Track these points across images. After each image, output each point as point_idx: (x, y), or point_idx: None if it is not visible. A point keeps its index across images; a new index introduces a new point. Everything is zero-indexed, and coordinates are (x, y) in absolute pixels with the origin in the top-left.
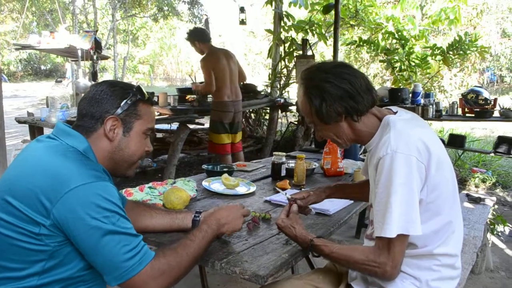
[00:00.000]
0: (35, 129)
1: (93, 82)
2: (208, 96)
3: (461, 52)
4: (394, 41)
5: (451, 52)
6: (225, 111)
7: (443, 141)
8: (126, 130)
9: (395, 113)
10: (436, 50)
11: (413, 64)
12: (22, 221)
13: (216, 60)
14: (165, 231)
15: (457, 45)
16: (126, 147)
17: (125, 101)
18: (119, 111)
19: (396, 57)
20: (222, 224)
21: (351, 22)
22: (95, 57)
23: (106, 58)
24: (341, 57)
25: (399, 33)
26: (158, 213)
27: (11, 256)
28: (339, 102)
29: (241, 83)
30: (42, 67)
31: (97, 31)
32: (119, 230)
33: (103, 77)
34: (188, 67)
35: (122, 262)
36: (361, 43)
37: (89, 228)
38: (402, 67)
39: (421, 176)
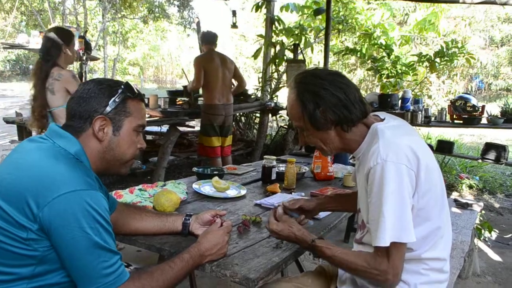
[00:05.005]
0: (23, 129)
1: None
2: (200, 99)
3: (447, 58)
4: (380, 49)
5: (437, 60)
6: (215, 114)
7: (431, 147)
8: (116, 129)
9: (382, 119)
10: (423, 58)
11: (400, 71)
12: (10, 225)
13: (209, 60)
14: (155, 233)
15: (443, 52)
16: (117, 147)
17: (113, 99)
18: (107, 109)
19: (383, 65)
20: (205, 256)
21: (339, 27)
22: (84, 58)
23: (96, 59)
24: (330, 62)
25: (385, 44)
26: (149, 215)
27: (0, 259)
28: (333, 110)
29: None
30: (31, 67)
31: (86, 31)
32: (101, 244)
33: (92, 78)
34: (178, 70)
35: (97, 278)
36: (347, 52)
37: (72, 236)
38: (390, 74)
39: (412, 183)
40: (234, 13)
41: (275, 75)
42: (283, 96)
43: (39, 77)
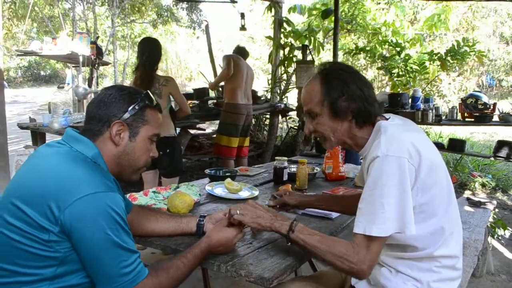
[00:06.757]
0: (37, 134)
1: (89, 89)
2: (210, 101)
3: (458, 57)
4: (391, 47)
5: (449, 58)
6: (238, 113)
7: (442, 145)
8: (132, 135)
9: (387, 119)
10: (434, 56)
11: (410, 70)
12: (31, 227)
13: (238, 58)
14: (170, 235)
15: (455, 50)
16: (132, 152)
17: (132, 106)
18: (126, 115)
19: (394, 64)
20: (214, 252)
21: (348, 28)
22: (96, 63)
23: (107, 64)
24: None
25: (395, 41)
26: (163, 217)
27: (21, 261)
28: (357, 101)
29: None
30: (42, 73)
31: (98, 37)
32: (121, 244)
33: (103, 83)
34: (187, 73)
35: (117, 277)
36: (357, 51)
37: (93, 237)
38: (400, 73)
39: (411, 178)
40: (242, 15)
41: (284, 76)
42: (292, 97)
43: (145, 83)
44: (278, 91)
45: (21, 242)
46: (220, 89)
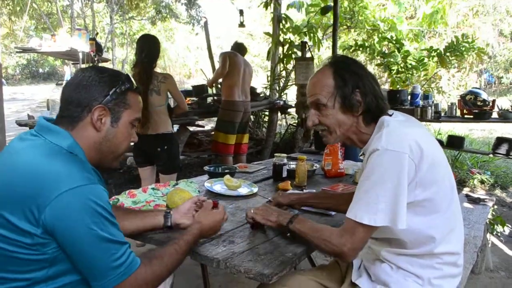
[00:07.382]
0: None
1: None
2: (211, 98)
3: (458, 53)
4: (391, 44)
5: (448, 54)
6: (235, 110)
7: (441, 142)
8: (114, 120)
9: (390, 115)
10: (433, 52)
11: (409, 66)
12: (14, 233)
13: (234, 55)
14: (137, 232)
15: (454, 47)
16: (114, 138)
17: (114, 89)
18: (107, 99)
19: (393, 60)
20: (204, 236)
21: (347, 24)
22: (96, 59)
23: (106, 60)
24: None
25: (395, 38)
26: (128, 215)
27: (11, 267)
28: (370, 96)
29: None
30: (40, 70)
31: (97, 34)
32: (108, 237)
33: None
34: (186, 70)
35: (109, 270)
36: (357, 47)
37: (78, 234)
38: (399, 69)
39: (410, 173)
40: (241, 12)
41: (284, 73)
42: (291, 94)
43: (144, 80)
44: (277, 88)
45: (7, 249)
46: (219, 86)
